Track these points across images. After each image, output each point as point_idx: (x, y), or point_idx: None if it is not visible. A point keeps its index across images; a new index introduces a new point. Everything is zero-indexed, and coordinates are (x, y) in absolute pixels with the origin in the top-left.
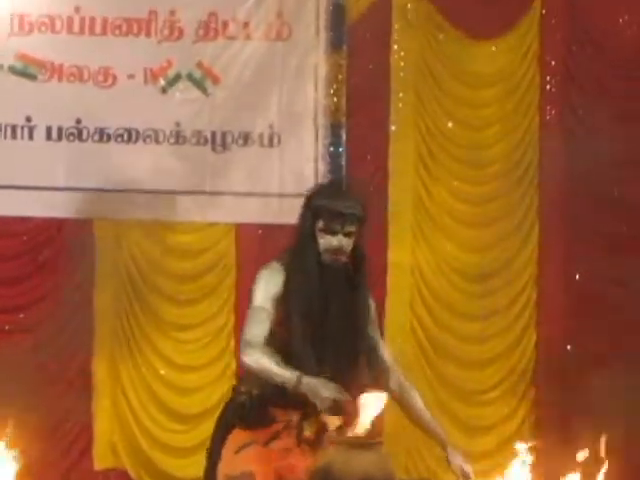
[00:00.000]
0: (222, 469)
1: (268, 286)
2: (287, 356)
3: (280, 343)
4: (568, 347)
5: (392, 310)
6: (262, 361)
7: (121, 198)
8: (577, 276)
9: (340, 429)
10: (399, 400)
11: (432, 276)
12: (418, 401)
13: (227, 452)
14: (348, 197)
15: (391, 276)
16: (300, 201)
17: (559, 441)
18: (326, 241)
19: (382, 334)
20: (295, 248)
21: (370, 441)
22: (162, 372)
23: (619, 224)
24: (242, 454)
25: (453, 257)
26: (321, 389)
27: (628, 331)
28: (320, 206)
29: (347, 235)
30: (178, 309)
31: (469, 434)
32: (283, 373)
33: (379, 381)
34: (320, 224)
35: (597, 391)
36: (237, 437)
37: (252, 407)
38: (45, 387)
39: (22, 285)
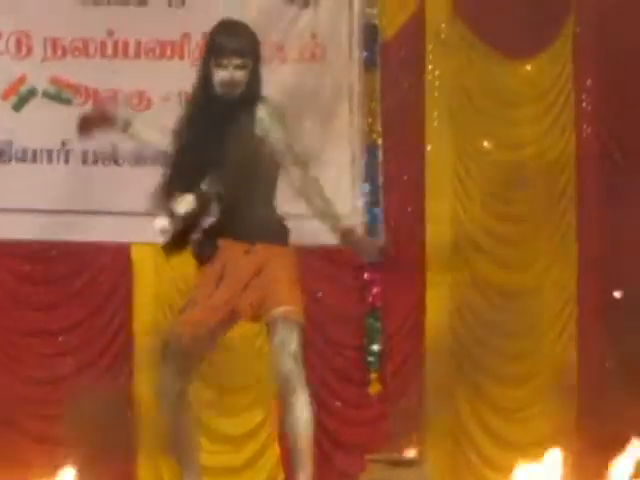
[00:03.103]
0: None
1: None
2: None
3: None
4: (607, 364)
5: (430, 327)
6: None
7: None
8: (616, 293)
9: None
10: None
11: (470, 294)
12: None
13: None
14: (238, 33)
15: (429, 298)
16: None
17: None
18: (218, 75)
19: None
20: (196, 88)
21: (412, 459)
22: (205, 394)
23: None
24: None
25: (491, 275)
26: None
27: None
28: (212, 43)
29: (238, 68)
30: None
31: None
32: None
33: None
34: (213, 60)
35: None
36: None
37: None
38: (88, 408)
39: (60, 309)
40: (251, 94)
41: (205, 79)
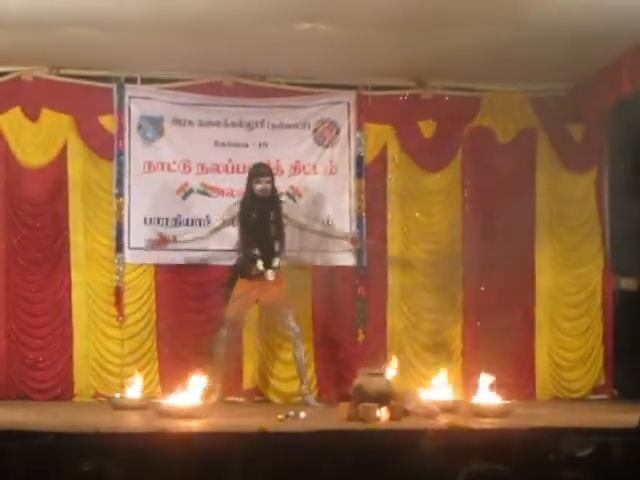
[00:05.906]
0: (229, 309)
1: (228, 212)
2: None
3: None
4: (478, 324)
5: (390, 303)
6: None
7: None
8: (482, 288)
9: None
10: None
11: (412, 287)
12: None
13: (232, 298)
14: (265, 167)
15: (391, 277)
16: (345, 254)
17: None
18: (258, 187)
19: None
20: (245, 193)
21: (379, 372)
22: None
23: (508, 251)
24: (237, 301)
25: (421, 274)
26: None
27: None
28: (255, 172)
29: (268, 182)
30: None
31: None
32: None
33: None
34: (254, 180)
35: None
36: (239, 285)
37: (243, 266)
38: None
39: (208, 301)
40: (275, 195)
41: (251, 190)
